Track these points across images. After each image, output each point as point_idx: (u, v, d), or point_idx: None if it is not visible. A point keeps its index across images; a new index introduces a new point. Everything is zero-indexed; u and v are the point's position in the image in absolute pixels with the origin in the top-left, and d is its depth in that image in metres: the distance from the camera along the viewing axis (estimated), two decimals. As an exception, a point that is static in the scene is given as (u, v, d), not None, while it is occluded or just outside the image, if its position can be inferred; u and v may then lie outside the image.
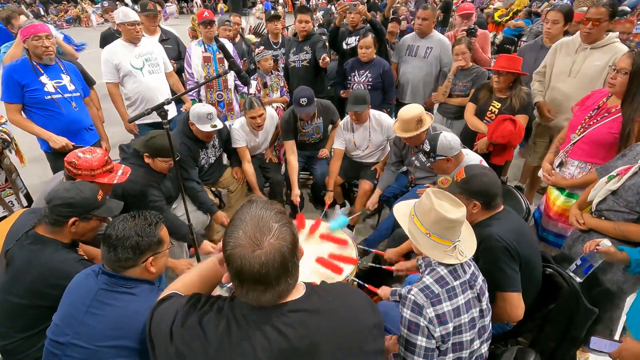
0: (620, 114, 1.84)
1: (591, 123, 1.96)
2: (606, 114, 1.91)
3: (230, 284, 1.42)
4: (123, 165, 1.98)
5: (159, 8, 3.75)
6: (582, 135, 1.99)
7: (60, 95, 2.52)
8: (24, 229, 1.46)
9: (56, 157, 2.62)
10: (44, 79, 2.45)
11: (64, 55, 3.42)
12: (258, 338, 0.82)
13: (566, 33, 2.95)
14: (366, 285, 1.96)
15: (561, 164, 2.15)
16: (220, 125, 2.64)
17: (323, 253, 2.09)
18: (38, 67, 2.43)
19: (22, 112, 2.52)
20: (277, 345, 0.82)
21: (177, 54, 3.68)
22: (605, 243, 1.51)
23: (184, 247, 2.62)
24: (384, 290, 1.83)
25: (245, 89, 3.66)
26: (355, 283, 2.01)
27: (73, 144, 2.58)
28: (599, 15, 2.33)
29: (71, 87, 2.60)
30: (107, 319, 1.17)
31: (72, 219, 1.47)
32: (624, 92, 1.82)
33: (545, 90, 2.80)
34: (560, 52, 2.64)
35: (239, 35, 4.72)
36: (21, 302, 1.39)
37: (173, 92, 3.28)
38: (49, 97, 2.47)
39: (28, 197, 3.04)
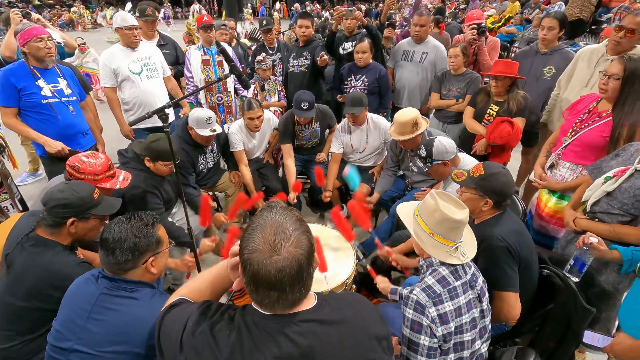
0: (610, 117, 1.88)
1: (582, 126, 2.00)
2: (597, 118, 1.95)
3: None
4: (123, 171, 1.97)
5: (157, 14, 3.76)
6: (573, 137, 2.02)
7: (57, 100, 2.50)
8: (25, 231, 1.45)
9: (52, 162, 2.61)
10: (41, 82, 2.43)
11: (65, 46, 3.40)
12: (270, 347, 0.82)
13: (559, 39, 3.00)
14: (368, 266, 1.98)
15: (552, 166, 2.18)
16: (219, 129, 2.65)
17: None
18: (35, 71, 2.42)
19: (18, 116, 2.50)
20: (288, 355, 0.82)
21: (175, 59, 3.69)
22: (592, 239, 1.54)
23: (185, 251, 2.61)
24: (384, 282, 1.83)
25: (245, 92, 3.68)
26: (358, 253, 2.03)
27: (69, 148, 2.56)
28: (635, 26, 2.19)
29: (68, 91, 2.59)
30: (109, 324, 1.15)
31: (71, 220, 1.46)
32: (615, 97, 1.86)
33: (557, 99, 2.80)
34: (583, 62, 2.57)
35: (234, 40, 4.74)
36: (22, 304, 1.38)
37: (171, 97, 3.28)
38: (45, 101, 2.46)
39: (22, 202, 3.01)
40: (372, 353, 0.90)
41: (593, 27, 5.50)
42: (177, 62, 3.70)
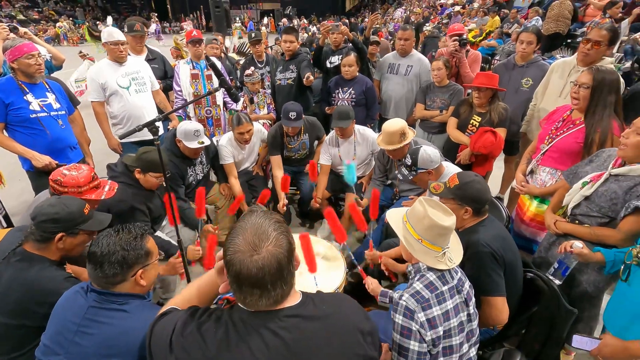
0: (583, 125, 1.98)
1: (558, 134, 2.10)
2: (571, 126, 2.05)
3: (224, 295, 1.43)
4: (109, 181, 1.96)
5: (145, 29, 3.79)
6: (550, 144, 2.12)
7: (45, 114, 2.50)
8: (12, 246, 1.43)
9: (38, 176, 2.58)
10: (29, 97, 2.43)
11: (53, 59, 3.40)
12: (256, 341, 0.86)
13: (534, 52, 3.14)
14: (359, 267, 2.00)
15: (532, 172, 2.27)
16: (207, 142, 2.67)
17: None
18: (23, 86, 2.42)
19: (5, 131, 2.48)
20: (274, 349, 0.85)
21: (163, 74, 3.71)
22: (577, 245, 1.59)
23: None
24: (373, 284, 1.85)
25: (234, 106, 3.71)
26: (350, 260, 2.07)
27: (56, 162, 2.55)
28: (600, 38, 2.33)
29: (56, 105, 2.59)
30: (99, 337, 1.14)
31: (59, 235, 1.45)
32: (586, 105, 1.96)
33: (535, 109, 2.91)
34: (556, 73, 2.70)
35: (222, 54, 4.80)
36: (6, 321, 1.35)
37: (160, 111, 3.30)
38: (34, 115, 2.45)
39: (7, 218, 2.95)
40: (358, 347, 0.93)
41: (569, 40, 5.75)
42: (165, 76, 3.73)
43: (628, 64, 4.35)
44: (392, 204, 2.83)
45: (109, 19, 11.24)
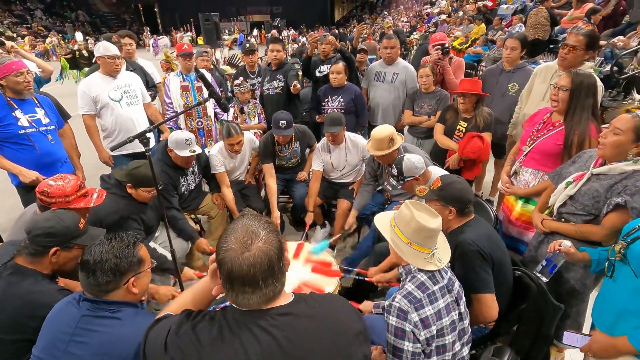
0: (563, 127, 2.04)
1: (539, 136, 2.16)
2: (551, 128, 2.12)
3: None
4: (97, 189, 1.96)
5: (130, 41, 3.82)
6: (532, 146, 2.18)
7: (34, 129, 2.50)
8: (3, 260, 1.43)
9: (27, 192, 2.57)
10: (18, 113, 2.43)
11: (42, 72, 3.40)
12: (248, 339, 0.88)
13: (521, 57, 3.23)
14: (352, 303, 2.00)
15: (515, 173, 2.33)
16: (199, 150, 2.69)
17: (305, 274, 2.15)
18: (12, 103, 2.42)
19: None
20: (266, 346, 0.87)
21: (145, 84, 3.71)
22: (566, 244, 1.63)
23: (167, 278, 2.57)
24: (366, 305, 1.87)
25: (224, 116, 3.74)
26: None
27: (44, 177, 2.54)
28: (576, 43, 2.40)
29: (46, 120, 2.59)
30: (92, 346, 1.15)
31: (53, 249, 1.45)
32: (565, 108, 2.03)
33: (520, 112, 2.98)
34: (539, 78, 2.79)
35: (212, 66, 4.84)
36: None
37: (151, 123, 3.30)
38: (22, 131, 2.45)
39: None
40: (350, 346, 0.94)
41: (551, 45, 5.91)
42: (147, 86, 3.72)
43: (608, 68, 4.48)
44: (384, 210, 2.86)
45: (78, 35, 11.41)
